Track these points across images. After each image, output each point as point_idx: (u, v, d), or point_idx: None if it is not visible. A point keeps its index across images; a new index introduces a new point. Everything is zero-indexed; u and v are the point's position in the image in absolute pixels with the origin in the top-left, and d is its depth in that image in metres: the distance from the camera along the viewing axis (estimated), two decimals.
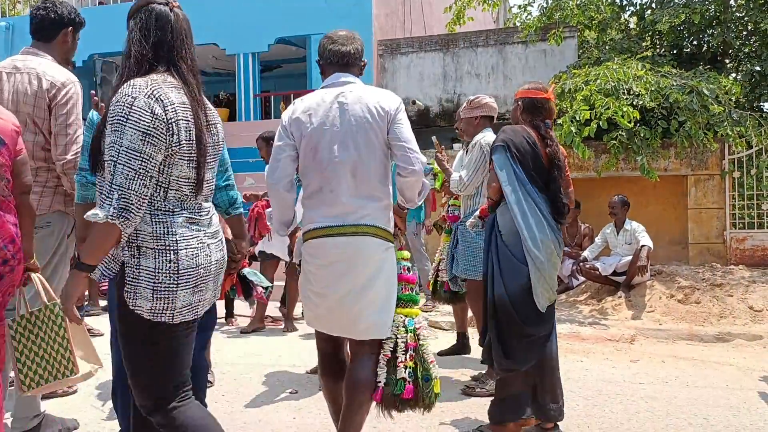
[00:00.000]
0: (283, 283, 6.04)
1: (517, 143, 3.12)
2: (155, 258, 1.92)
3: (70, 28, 3.24)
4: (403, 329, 2.67)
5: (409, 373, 2.61)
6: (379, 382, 2.60)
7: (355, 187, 2.55)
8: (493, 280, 3.10)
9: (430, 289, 4.82)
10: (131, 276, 1.92)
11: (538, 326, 3.06)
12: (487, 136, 4.01)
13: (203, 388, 2.83)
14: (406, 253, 2.79)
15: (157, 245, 1.93)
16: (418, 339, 2.70)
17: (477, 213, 3.52)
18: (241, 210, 2.91)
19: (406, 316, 2.69)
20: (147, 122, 1.88)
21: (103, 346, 4.81)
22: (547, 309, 3.08)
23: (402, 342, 2.64)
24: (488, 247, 3.19)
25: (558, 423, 3.22)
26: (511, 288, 3.03)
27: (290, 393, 3.92)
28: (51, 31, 3.20)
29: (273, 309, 6.86)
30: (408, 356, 2.63)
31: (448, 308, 4.83)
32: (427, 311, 6.39)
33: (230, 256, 2.97)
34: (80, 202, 2.80)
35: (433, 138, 4.43)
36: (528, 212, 3.05)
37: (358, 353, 2.63)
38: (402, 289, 2.71)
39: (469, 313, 4.74)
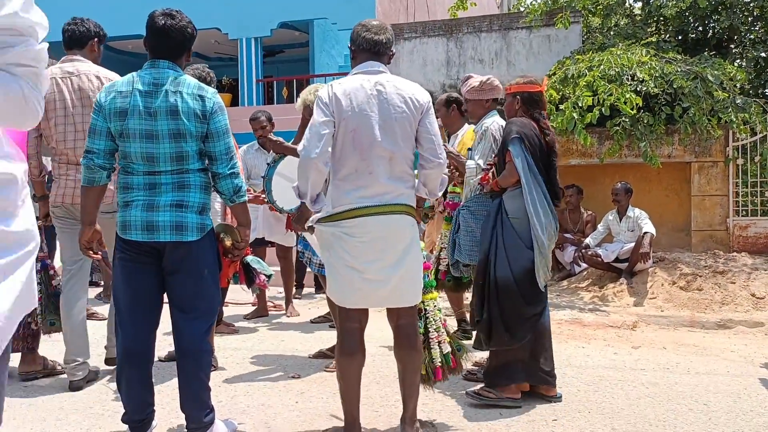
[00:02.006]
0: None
1: (529, 135, 3.40)
2: None
3: (96, 39, 3.90)
4: (438, 311, 3.23)
5: (450, 347, 3.22)
6: (439, 363, 3.17)
7: (391, 170, 2.73)
8: (495, 261, 3.39)
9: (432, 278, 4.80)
10: None
11: (536, 305, 3.41)
12: (496, 121, 4.05)
13: (207, 372, 2.85)
14: (421, 243, 3.02)
15: None
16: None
17: (477, 180, 3.73)
18: (245, 198, 2.94)
19: (431, 299, 3.23)
20: None
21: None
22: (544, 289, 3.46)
23: (440, 323, 3.21)
24: (493, 229, 3.45)
25: (560, 398, 3.48)
26: (515, 269, 3.35)
27: (292, 377, 3.94)
28: (82, 41, 3.85)
29: (275, 294, 6.89)
30: (447, 334, 3.23)
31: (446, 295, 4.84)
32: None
33: (233, 244, 3.01)
34: (86, 185, 2.83)
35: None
36: (537, 200, 3.35)
37: (405, 326, 2.87)
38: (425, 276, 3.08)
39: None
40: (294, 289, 6.43)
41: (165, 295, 2.88)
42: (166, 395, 3.50)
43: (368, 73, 2.78)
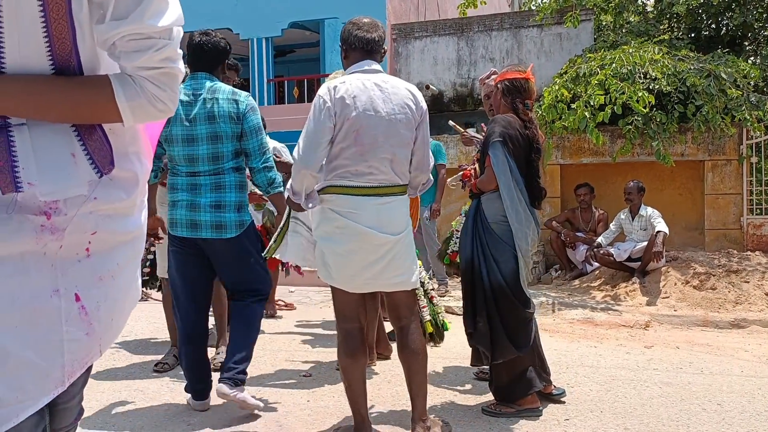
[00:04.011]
0: None
1: (513, 136, 3.20)
2: None
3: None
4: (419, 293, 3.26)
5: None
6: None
7: (392, 170, 2.72)
8: (486, 267, 3.20)
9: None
10: None
11: (530, 306, 3.26)
12: None
13: (254, 338, 3.30)
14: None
15: None
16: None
17: (460, 174, 3.60)
18: (281, 189, 3.23)
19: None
20: None
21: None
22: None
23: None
24: (473, 234, 3.29)
25: (561, 393, 3.44)
26: (505, 272, 3.18)
27: (304, 376, 3.95)
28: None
29: (286, 293, 6.92)
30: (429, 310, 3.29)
31: (461, 293, 4.82)
32: (439, 296, 6.41)
33: (271, 227, 3.54)
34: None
35: (450, 122, 4.33)
36: (520, 208, 3.18)
37: (406, 328, 2.84)
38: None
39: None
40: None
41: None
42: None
43: (366, 73, 2.75)
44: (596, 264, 7.19)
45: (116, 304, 1.29)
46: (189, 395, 3.35)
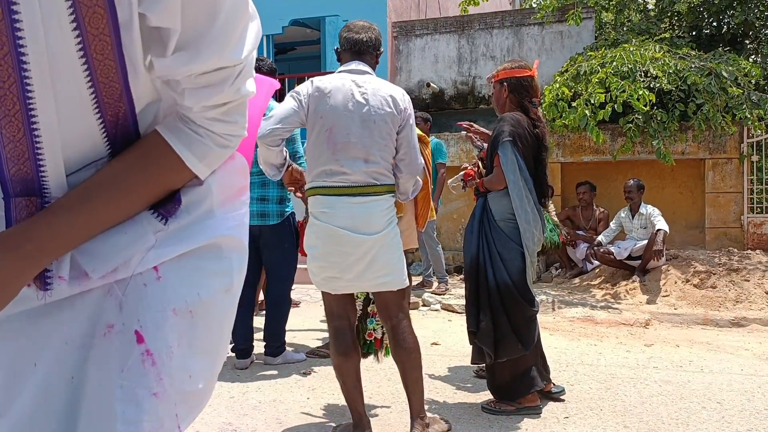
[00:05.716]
0: None
1: (522, 135, 3.18)
2: None
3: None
4: None
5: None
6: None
7: (367, 170, 2.68)
8: (492, 265, 3.19)
9: None
10: None
11: (535, 304, 3.25)
12: None
13: (285, 317, 4.07)
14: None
15: None
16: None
17: (461, 175, 3.57)
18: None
19: None
20: None
21: None
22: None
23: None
24: (480, 232, 3.27)
25: (560, 392, 3.44)
26: (512, 271, 3.17)
27: (304, 373, 3.96)
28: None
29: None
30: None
31: (461, 291, 4.83)
32: (440, 294, 6.41)
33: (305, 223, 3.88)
34: None
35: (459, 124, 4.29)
36: (529, 208, 3.17)
37: (397, 326, 2.78)
38: None
39: None
40: None
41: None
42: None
43: (351, 73, 2.75)
44: (596, 262, 7.19)
45: (196, 356, 0.92)
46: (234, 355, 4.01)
